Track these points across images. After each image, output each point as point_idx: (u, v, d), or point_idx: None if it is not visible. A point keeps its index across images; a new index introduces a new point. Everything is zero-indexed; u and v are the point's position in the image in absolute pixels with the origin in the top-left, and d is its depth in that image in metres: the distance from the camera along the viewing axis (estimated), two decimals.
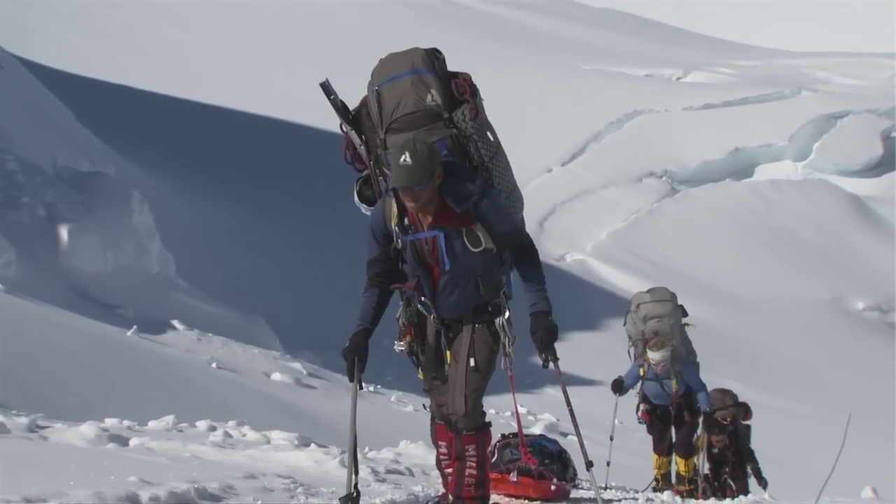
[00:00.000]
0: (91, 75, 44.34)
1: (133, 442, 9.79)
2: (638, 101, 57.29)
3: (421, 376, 6.83)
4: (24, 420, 9.91)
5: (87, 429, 9.83)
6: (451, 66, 6.80)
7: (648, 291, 14.54)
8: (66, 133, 32.05)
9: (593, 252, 44.34)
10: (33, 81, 34.40)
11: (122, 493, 6.66)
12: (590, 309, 36.47)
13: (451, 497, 6.78)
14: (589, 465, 6.85)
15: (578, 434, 6.99)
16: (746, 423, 15.00)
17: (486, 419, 6.72)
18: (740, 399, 15.02)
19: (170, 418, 11.88)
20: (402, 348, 6.77)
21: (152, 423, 11.44)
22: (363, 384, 6.78)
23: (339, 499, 6.85)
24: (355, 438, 6.84)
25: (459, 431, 6.64)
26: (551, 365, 6.62)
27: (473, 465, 6.63)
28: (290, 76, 53.96)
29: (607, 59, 66.25)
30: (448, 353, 6.66)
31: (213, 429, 11.67)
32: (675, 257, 41.76)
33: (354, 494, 6.70)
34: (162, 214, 29.09)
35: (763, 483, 14.74)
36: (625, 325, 14.50)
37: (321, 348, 26.01)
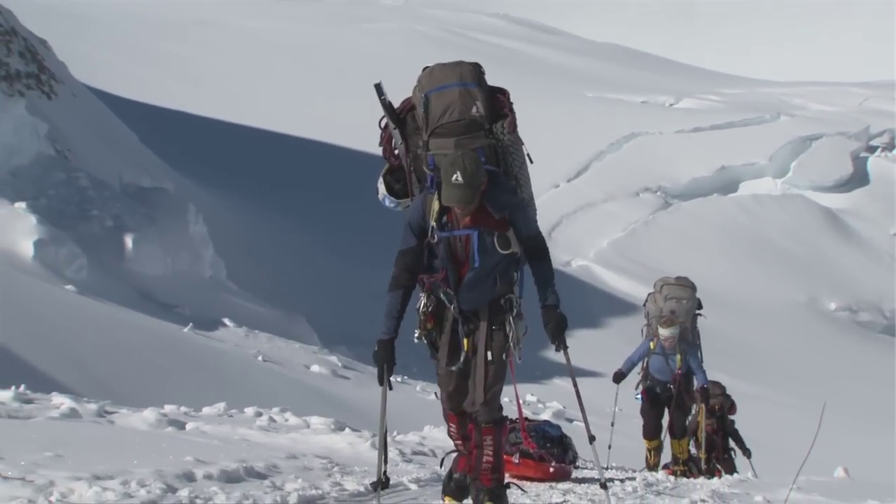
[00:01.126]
0: (152, 102, 44.50)
1: (189, 426, 9.83)
2: (635, 125, 57.24)
3: (438, 361, 6.71)
4: (93, 406, 9.96)
5: (149, 414, 9.88)
6: None
7: (676, 278, 14.61)
8: (131, 153, 32.18)
9: (596, 258, 44.32)
10: (102, 108, 34.54)
11: (179, 472, 6.69)
12: (592, 309, 36.46)
13: (468, 477, 6.76)
14: (591, 438, 6.85)
15: (583, 410, 6.93)
16: (731, 417, 15.09)
17: (502, 412, 6.68)
18: (726, 392, 15.13)
19: (221, 405, 11.94)
20: (421, 336, 6.67)
21: (206, 410, 11.49)
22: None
23: (371, 484, 6.84)
24: (385, 434, 6.81)
25: (479, 424, 6.60)
26: (562, 353, 6.61)
27: (490, 453, 6.60)
28: (325, 103, 54.10)
29: (608, 88, 66.24)
30: (465, 341, 6.57)
31: (259, 414, 11.70)
32: (668, 263, 41.60)
33: (384, 479, 6.68)
34: (214, 225, 29.17)
35: (747, 453, 14.85)
36: (644, 304, 14.52)
37: (354, 343, 26.02)
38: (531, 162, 6.92)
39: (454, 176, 6.15)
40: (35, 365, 14.40)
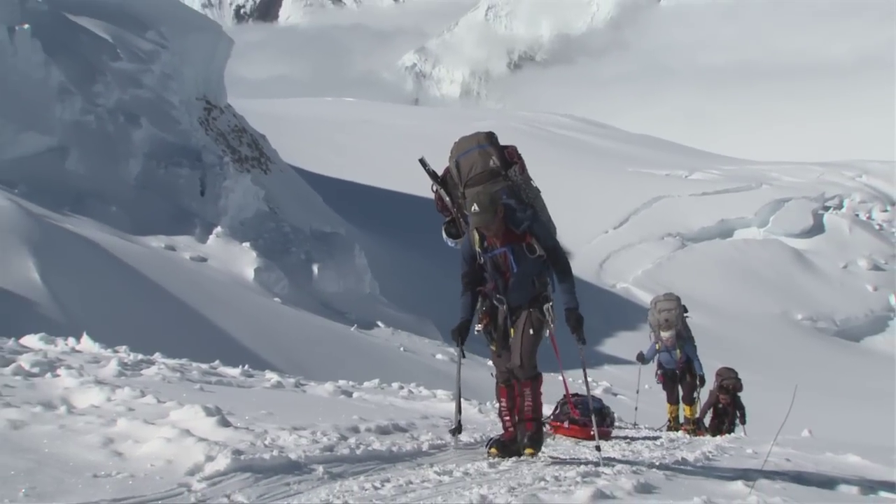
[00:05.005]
0: (330, 175, 45.19)
1: (355, 395, 9.88)
2: (661, 190, 56.69)
3: (493, 348, 6.58)
4: (292, 380, 10.10)
5: (328, 386, 9.97)
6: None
7: (664, 294, 14.79)
8: (317, 210, 32.75)
9: (633, 283, 43.89)
10: (298, 180, 35.25)
11: (349, 425, 6.75)
12: (630, 318, 36.03)
13: (509, 436, 6.51)
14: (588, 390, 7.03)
15: (584, 372, 6.82)
16: (738, 393, 15.01)
17: (538, 371, 6.46)
18: (738, 376, 15.10)
19: (376, 380, 12.01)
20: (480, 328, 6.55)
21: (366, 384, 11.56)
22: (465, 354, 6.66)
23: (449, 430, 6.78)
24: (459, 389, 6.82)
25: (519, 379, 6.42)
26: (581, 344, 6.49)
27: (530, 400, 6.40)
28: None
29: (642, 165, 65.45)
30: (512, 329, 6.43)
31: (402, 387, 11.74)
32: (683, 286, 40.83)
33: (460, 426, 6.63)
34: (371, 258, 29.48)
35: (744, 420, 14.75)
36: (648, 317, 14.71)
37: (466, 339, 25.99)
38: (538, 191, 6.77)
39: (472, 207, 6.16)
40: (254, 351, 14.65)
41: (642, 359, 14.48)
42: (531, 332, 6.34)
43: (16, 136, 21.55)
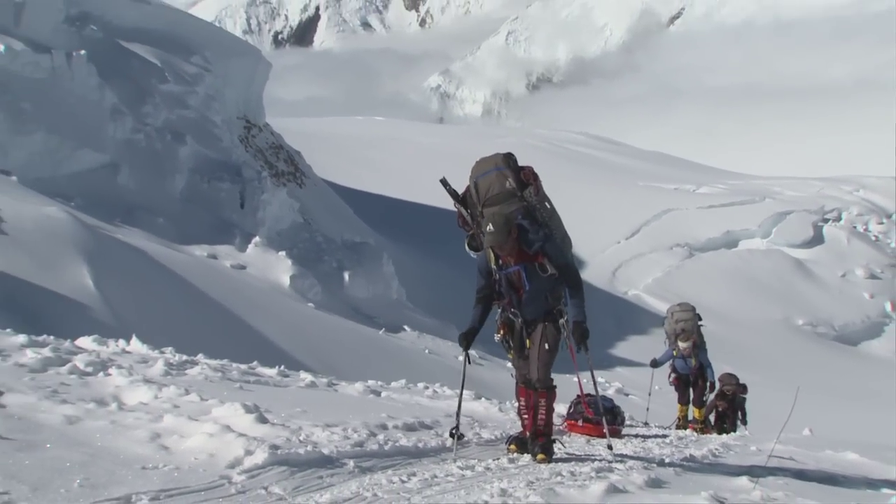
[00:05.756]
0: (360, 189, 45.32)
1: (383, 394, 9.88)
2: (670, 203, 56.40)
3: (510, 356, 6.56)
4: (324, 380, 10.12)
5: (358, 386, 9.99)
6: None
7: (679, 304, 14.62)
8: (348, 221, 32.84)
9: (644, 290, 43.66)
10: (331, 193, 35.36)
11: (377, 422, 6.78)
12: (641, 323, 35.89)
13: (528, 434, 6.46)
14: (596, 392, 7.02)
15: (593, 377, 6.89)
16: (743, 396, 14.89)
17: (554, 383, 6.37)
18: (740, 381, 14.97)
19: (403, 381, 11.99)
20: (498, 338, 6.54)
21: (393, 384, 11.54)
22: (471, 359, 6.63)
23: (450, 432, 6.62)
24: (461, 396, 6.83)
25: (536, 389, 6.32)
26: (584, 356, 6.38)
27: (543, 413, 6.31)
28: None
29: (652, 179, 65.09)
30: (528, 341, 6.36)
31: (427, 387, 11.71)
32: (691, 294, 40.57)
33: (460, 434, 6.51)
34: (398, 266, 29.53)
35: (745, 421, 14.63)
36: (663, 325, 14.56)
37: (486, 343, 25.91)
38: (554, 211, 6.67)
39: (487, 227, 6.12)
40: (290, 353, 14.72)
41: (655, 364, 14.39)
42: (547, 347, 6.28)
43: (72, 153, 21.83)
